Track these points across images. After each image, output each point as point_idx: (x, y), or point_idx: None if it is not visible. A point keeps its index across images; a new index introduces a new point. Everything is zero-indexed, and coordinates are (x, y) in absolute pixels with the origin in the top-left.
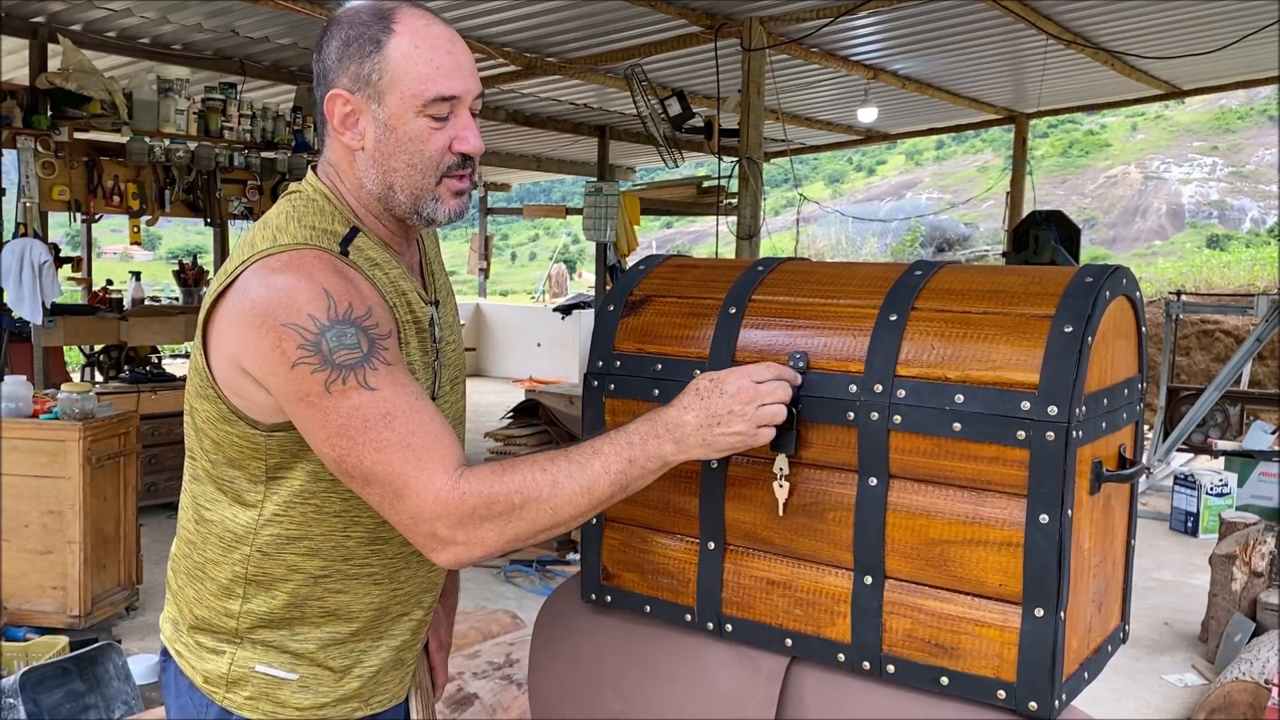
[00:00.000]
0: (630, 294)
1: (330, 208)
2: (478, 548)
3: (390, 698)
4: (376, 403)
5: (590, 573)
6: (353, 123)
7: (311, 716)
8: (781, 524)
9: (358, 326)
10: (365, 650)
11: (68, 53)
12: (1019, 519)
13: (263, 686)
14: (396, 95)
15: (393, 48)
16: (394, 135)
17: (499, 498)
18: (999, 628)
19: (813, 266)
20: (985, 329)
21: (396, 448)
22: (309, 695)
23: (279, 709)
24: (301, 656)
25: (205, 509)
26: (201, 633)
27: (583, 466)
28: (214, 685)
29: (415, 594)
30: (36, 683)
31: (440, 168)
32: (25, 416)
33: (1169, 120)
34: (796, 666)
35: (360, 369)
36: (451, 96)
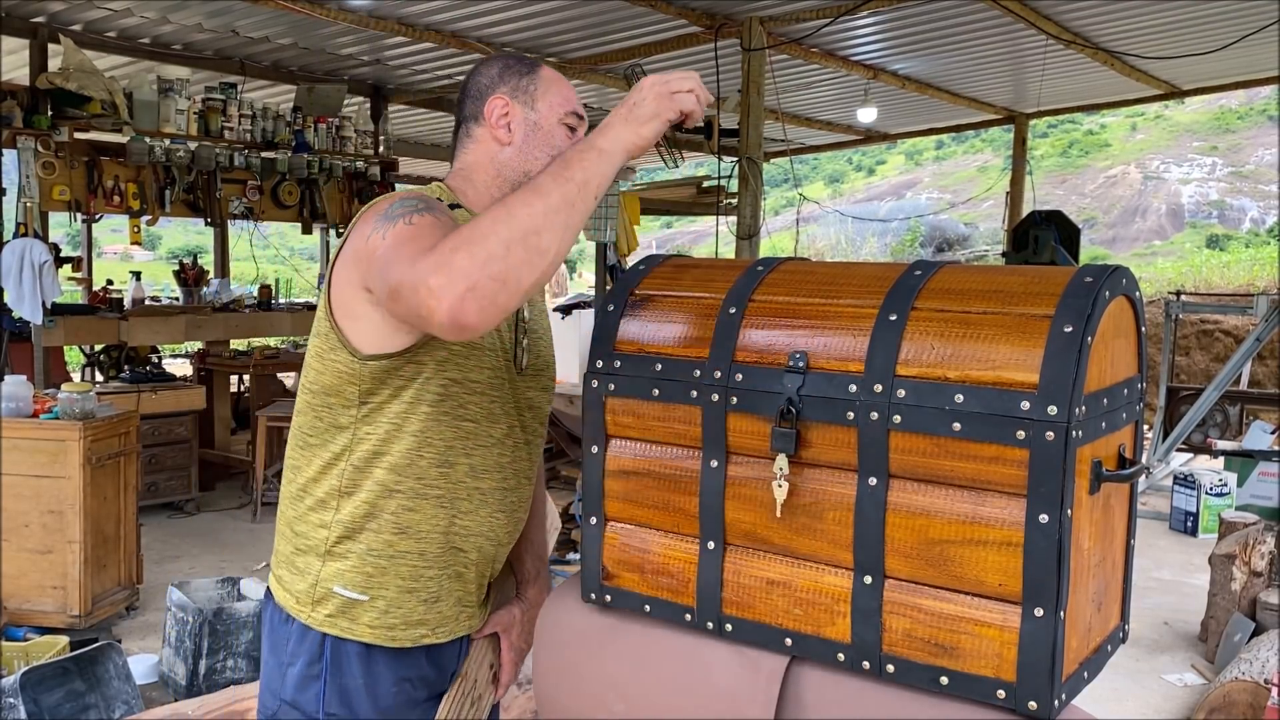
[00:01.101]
0: (630, 294)
1: (439, 191)
2: (458, 275)
3: (449, 633)
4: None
5: (590, 572)
6: (505, 122)
7: (382, 636)
8: (781, 524)
9: (425, 201)
10: (432, 579)
11: (68, 53)
12: (1019, 519)
13: (340, 606)
14: (547, 102)
15: (544, 72)
16: (540, 132)
17: (462, 233)
18: (999, 627)
19: (812, 266)
20: (985, 329)
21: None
22: (379, 615)
23: (353, 625)
24: (374, 579)
25: (309, 436)
26: (296, 554)
27: (529, 185)
28: (301, 604)
29: (476, 531)
30: (37, 682)
31: None
32: (25, 416)
33: (1169, 120)
34: (796, 666)
35: (409, 214)
36: (581, 114)
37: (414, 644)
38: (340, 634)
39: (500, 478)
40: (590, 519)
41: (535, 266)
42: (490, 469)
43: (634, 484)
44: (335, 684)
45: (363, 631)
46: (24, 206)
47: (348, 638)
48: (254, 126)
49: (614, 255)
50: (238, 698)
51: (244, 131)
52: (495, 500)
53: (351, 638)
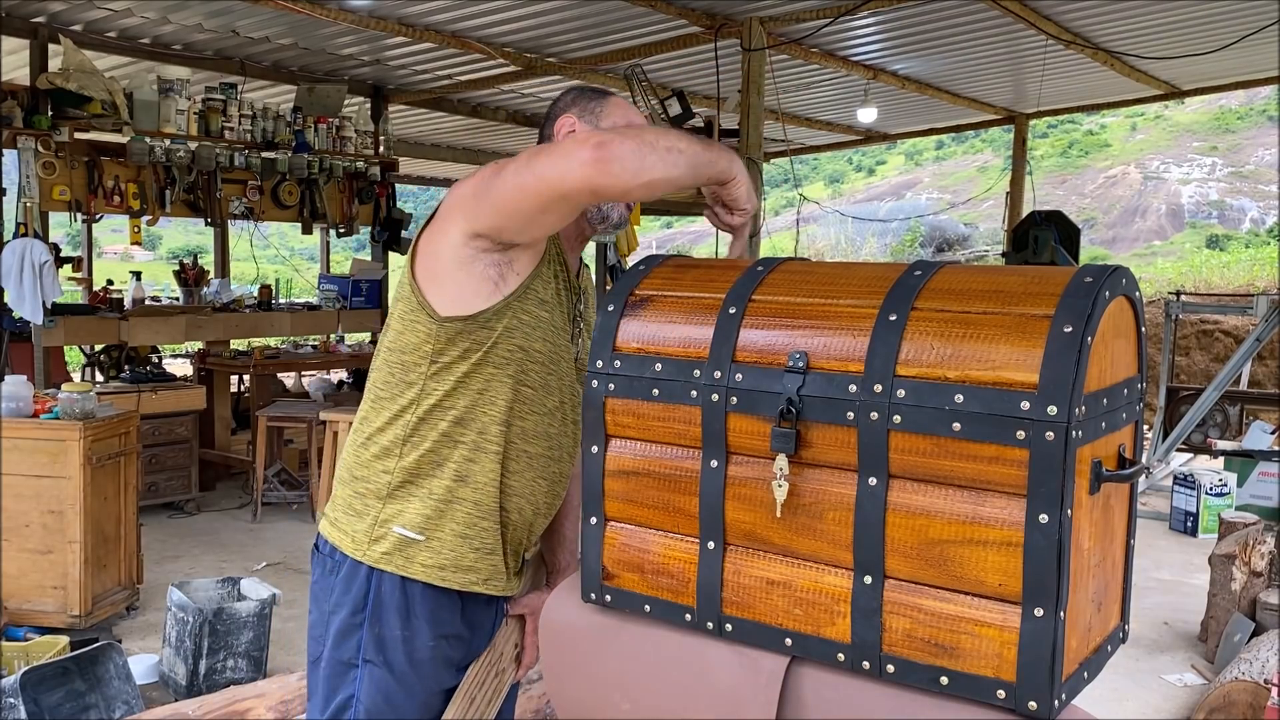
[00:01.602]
0: (630, 294)
1: None
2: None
3: (500, 588)
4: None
5: (590, 573)
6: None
7: (434, 575)
8: (781, 524)
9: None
10: (486, 530)
11: (68, 53)
12: (1019, 519)
13: (397, 544)
14: (610, 121)
15: (612, 100)
16: None
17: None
18: (999, 627)
19: (812, 266)
20: (985, 329)
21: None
22: (433, 555)
23: (408, 563)
24: (432, 520)
25: (380, 390)
26: (355, 498)
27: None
28: (358, 544)
29: (519, 492)
30: (37, 682)
31: None
32: (26, 416)
33: (1169, 120)
34: (796, 666)
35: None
36: None
37: (463, 588)
38: (394, 570)
39: (547, 445)
40: (590, 519)
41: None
42: (540, 435)
43: (634, 484)
44: (374, 633)
45: (416, 570)
46: (24, 206)
47: (401, 573)
48: (254, 126)
49: (614, 255)
50: (238, 698)
51: (244, 131)
52: (539, 466)
53: (404, 574)
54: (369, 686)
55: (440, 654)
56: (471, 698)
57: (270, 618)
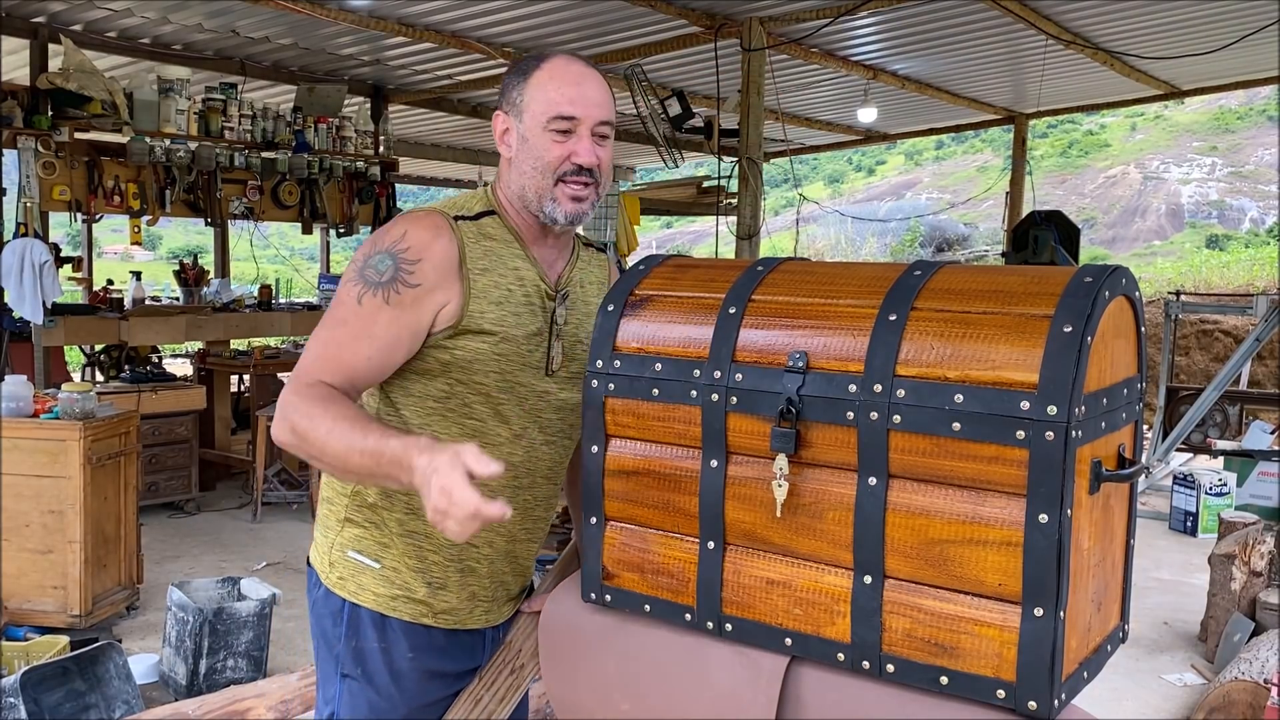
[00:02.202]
0: (630, 294)
1: (484, 195)
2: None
3: (457, 622)
4: (350, 310)
5: (590, 572)
6: (507, 137)
7: (385, 605)
8: (781, 524)
9: (396, 263)
10: (437, 564)
11: (68, 53)
12: (1018, 519)
13: (350, 570)
14: (530, 114)
15: (534, 79)
16: (528, 145)
17: (300, 421)
18: (998, 627)
19: (812, 266)
20: (985, 329)
21: (320, 344)
22: (385, 586)
23: (360, 591)
24: (386, 549)
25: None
26: (324, 517)
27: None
28: (322, 565)
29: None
30: (37, 682)
31: (557, 172)
32: (26, 416)
33: (1168, 120)
34: (796, 666)
35: (367, 288)
36: (571, 117)
37: (413, 620)
38: (348, 596)
39: (511, 476)
40: (590, 519)
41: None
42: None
43: (634, 484)
44: (351, 645)
45: (367, 598)
46: (24, 206)
47: (353, 600)
48: (254, 126)
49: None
50: (238, 697)
51: (244, 131)
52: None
53: (355, 600)
54: (349, 701)
55: (421, 666)
56: (478, 699)
57: (270, 617)
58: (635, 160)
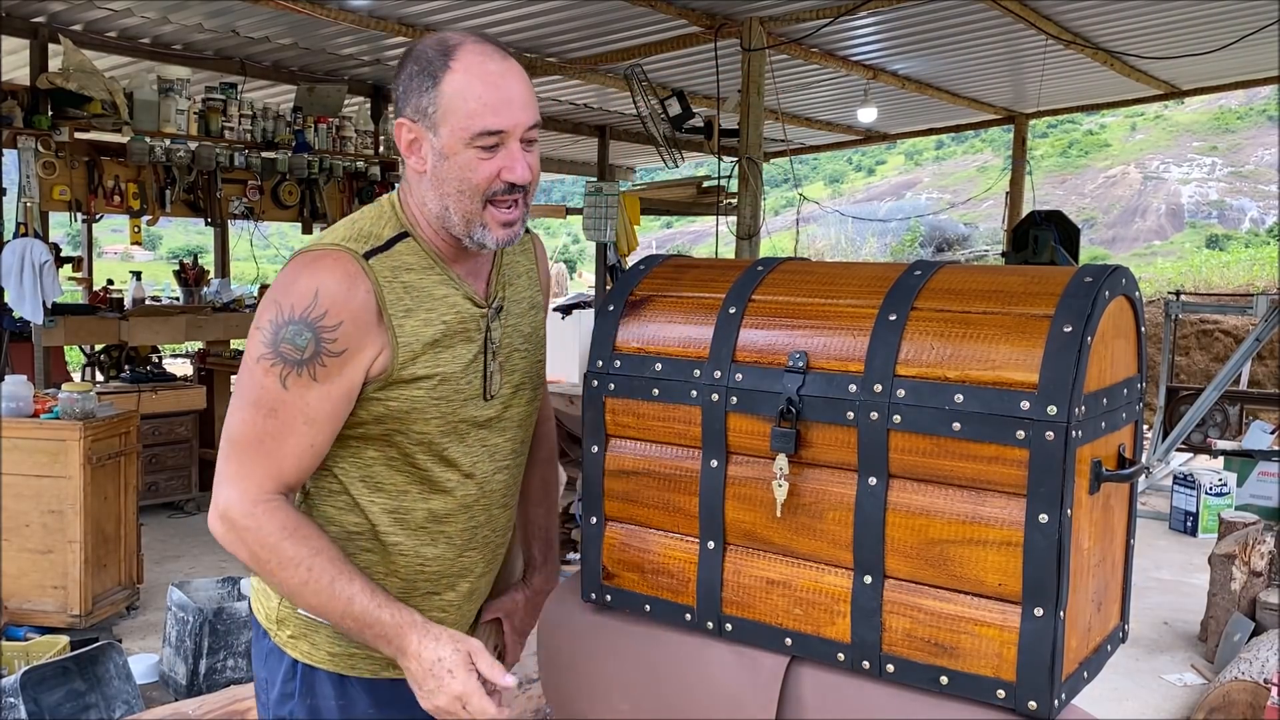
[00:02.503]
0: (630, 294)
1: (391, 214)
2: (227, 548)
3: None
4: (276, 396)
5: (590, 572)
6: (416, 149)
7: (342, 664)
8: (781, 524)
9: (315, 333)
10: None
11: (68, 53)
12: (1018, 519)
13: (301, 628)
14: (448, 127)
15: (446, 83)
16: (447, 163)
17: (263, 553)
18: (998, 627)
19: (812, 266)
20: (985, 329)
21: (254, 437)
22: (341, 642)
23: (314, 650)
24: None
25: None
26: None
27: (327, 596)
28: (270, 622)
29: (447, 575)
30: (37, 682)
31: (486, 194)
32: (26, 416)
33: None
34: (796, 666)
35: (290, 368)
36: (498, 131)
37: (374, 676)
38: (301, 657)
39: (467, 516)
40: (590, 519)
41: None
42: (453, 510)
43: (634, 484)
44: (307, 704)
45: (322, 658)
46: (24, 206)
47: (306, 661)
48: (254, 126)
49: (614, 255)
50: (238, 697)
51: (244, 131)
52: (464, 539)
53: (309, 661)
54: None
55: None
56: None
57: None
58: (635, 160)
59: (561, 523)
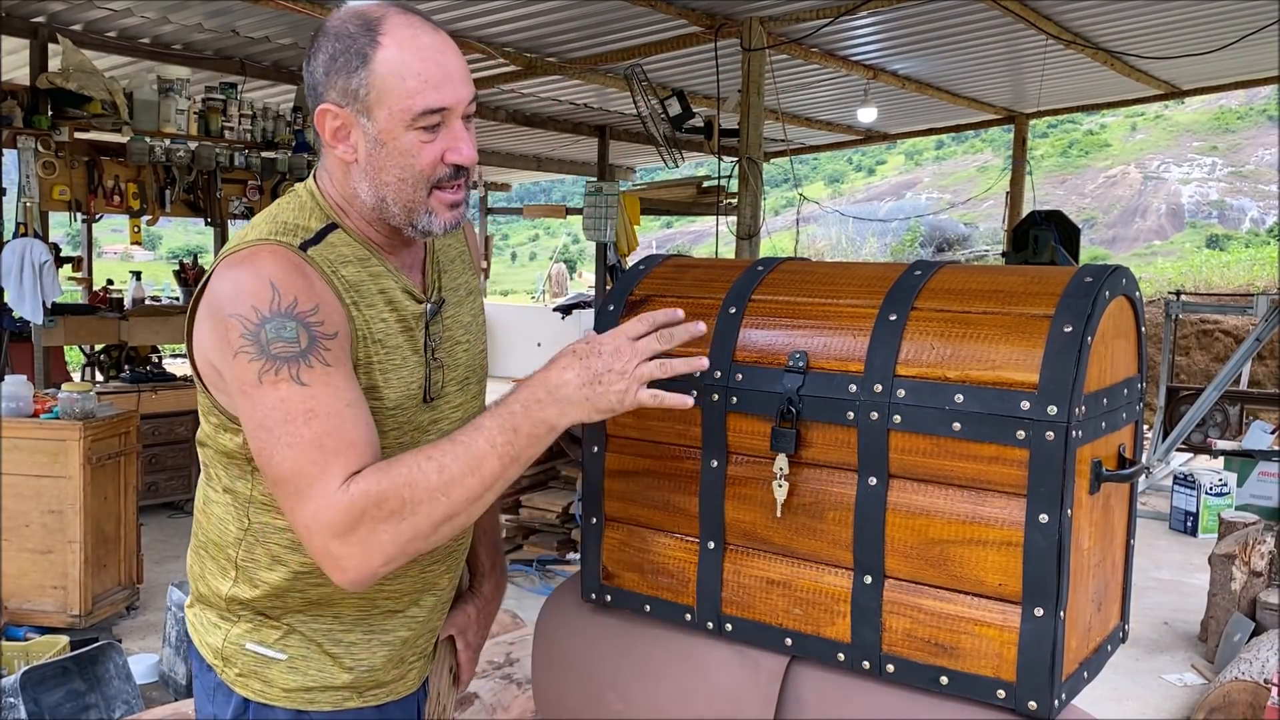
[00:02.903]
0: (630, 294)
1: (312, 204)
2: (376, 553)
3: (388, 694)
4: (302, 398)
5: (590, 572)
6: (344, 136)
7: (299, 701)
8: (781, 524)
9: (299, 321)
10: (355, 643)
11: (68, 53)
12: (1019, 519)
13: (251, 664)
14: (385, 110)
15: (379, 61)
16: (385, 150)
17: (388, 494)
18: (999, 627)
19: (812, 266)
20: (985, 329)
21: (309, 446)
22: (297, 677)
23: (266, 688)
24: (291, 636)
25: (209, 492)
26: (206, 607)
27: (467, 446)
28: (215, 658)
29: (409, 592)
30: (37, 682)
31: (432, 180)
32: (26, 416)
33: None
34: (796, 666)
35: (295, 364)
36: (441, 109)
37: (335, 708)
38: (253, 696)
39: None
40: (590, 519)
41: (450, 534)
42: None
43: (634, 484)
44: None
45: (276, 695)
46: (24, 206)
47: (259, 699)
48: (254, 126)
49: (614, 255)
50: None
51: (244, 131)
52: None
53: (263, 700)
54: None
55: None
56: None
57: None
58: (635, 160)
59: (561, 523)
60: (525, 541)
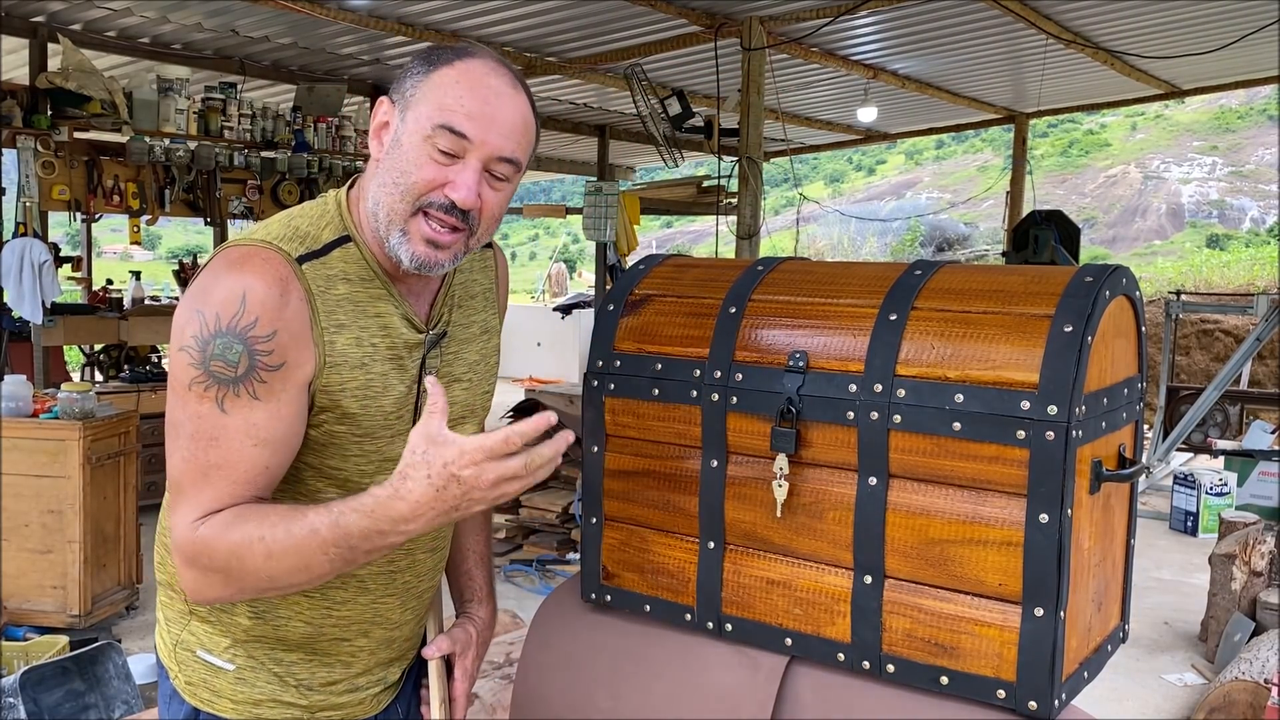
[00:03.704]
0: (630, 293)
1: (335, 213)
2: (208, 590)
3: (343, 716)
4: (215, 424)
5: (590, 572)
6: (383, 131)
7: (246, 714)
8: (781, 524)
9: (247, 346)
10: (297, 663)
11: (68, 52)
12: (1019, 518)
13: (201, 673)
14: (415, 113)
15: (440, 73)
16: (399, 150)
17: (217, 554)
18: (999, 627)
19: (812, 266)
20: (985, 329)
21: (198, 468)
22: (245, 688)
23: (215, 698)
24: (239, 646)
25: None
26: (165, 604)
27: (299, 545)
28: (170, 661)
29: (358, 622)
30: (36, 682)
31: (419, 200)
32: (25, 416)
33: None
34: (796, 666)
35: (225, 388)
36: (461, 134)
37: None
38: (200, 705)
39: (384, 561)
40: (590, 519)
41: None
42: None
43: (634, 484)
44: None
45: (225, 707)
46: (24, 206)
47: (207, 709)
48: (254, 126)
49: (614, 255)
50: None
51: (244, 131)
52: (380, 585)
53: (211, 710)
54: None
55: None
56: None
57: None
58: (635, 160)
59: (561, 523)
60: (525, 541)
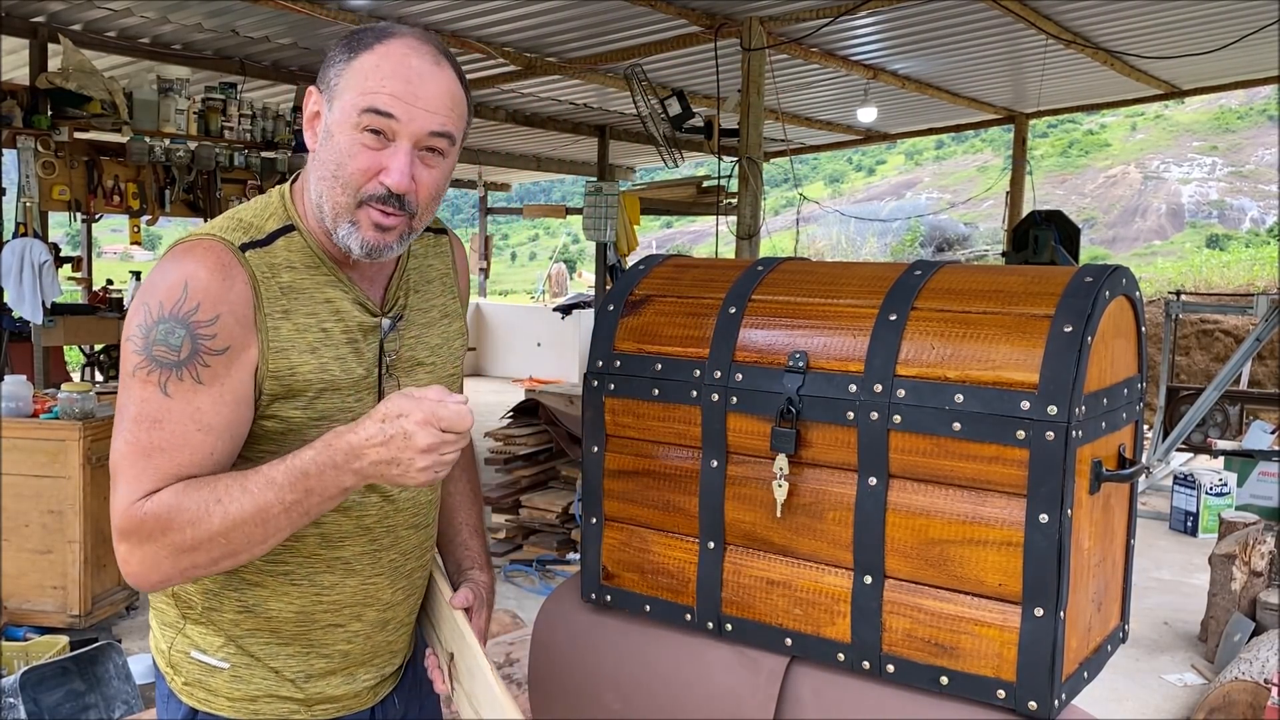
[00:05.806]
0: (630, 294)
1: (279, 204)
2: (154, 570)
3: (340, 709)
4: (159, 407)
5: (590, 572)
6: (315, 123)
7: (244, 712)
8: (781, 524)
9: (190, 331)
10: (294, 655)
11: (68, 53)
12: (1019, 519)
13: (196, 674)
14: (341, 102)
15: (362, 58)
16: (331, 142)
17: (172, 525)
18: (999, 627)
19: (812, 266)
20: (985, 329)
21: (139, 449)
22: (241, 686)
23: (211, 698)
24: (233, 644)
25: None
26: (159, 611)
27: (255, 499)
28: (164, 665)
29: (350, 605)
30: (36, 682)
31: (360, 192)
32: (25, 416)
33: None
34: (796, 666)
35: (168, 371)
36: (387, 114)
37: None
38: (198, 705)
39: (367, 540)
40: (590, 519)
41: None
42: (349, 534)
43: (634, 484)
44: None
45: (221, 705)
46: (24, 206)
47: (204, 709)
48: (254, 126)
49: (614, 255)
50: None
51: (244, 131)
52: (366, 566)
53: (208, 710)
54: None
55: None
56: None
57: None
58: (635, 160)
59: (561, 523)
60: (525, 541)
